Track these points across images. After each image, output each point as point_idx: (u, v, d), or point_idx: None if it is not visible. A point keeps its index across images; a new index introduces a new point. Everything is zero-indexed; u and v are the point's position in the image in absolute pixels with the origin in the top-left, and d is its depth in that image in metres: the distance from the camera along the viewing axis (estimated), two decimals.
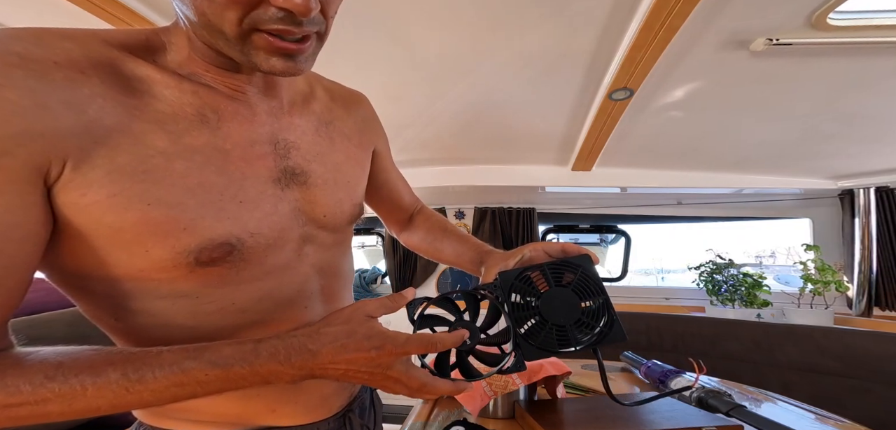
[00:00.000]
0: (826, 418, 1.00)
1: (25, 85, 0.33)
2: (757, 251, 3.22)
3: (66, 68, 0.36)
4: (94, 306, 0.44)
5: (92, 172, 0.36)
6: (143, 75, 0.41)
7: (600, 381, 0.59)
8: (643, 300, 2.88)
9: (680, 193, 2.65)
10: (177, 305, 0.43)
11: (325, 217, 0.54)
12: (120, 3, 1.12)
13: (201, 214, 0.41)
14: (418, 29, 1.29)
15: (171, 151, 0.40)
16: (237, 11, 0.37)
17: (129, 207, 0.38)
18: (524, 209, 2.92)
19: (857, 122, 1.73)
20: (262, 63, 0.40)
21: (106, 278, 0.41)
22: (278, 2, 0.36)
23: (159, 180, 0.39)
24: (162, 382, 0.36)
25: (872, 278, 2.25)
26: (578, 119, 1.85)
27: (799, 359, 1.98)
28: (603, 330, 0.56)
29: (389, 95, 1.68)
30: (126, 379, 0.36)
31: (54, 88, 0.34)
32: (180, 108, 0.42)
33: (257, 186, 0.46)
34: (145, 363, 0.37)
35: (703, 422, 0.78)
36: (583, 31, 1.27)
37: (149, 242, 0.39)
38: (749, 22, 1.19)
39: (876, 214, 2.24)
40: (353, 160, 0.60)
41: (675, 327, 2.32)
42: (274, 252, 0.47)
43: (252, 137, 0.47)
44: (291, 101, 0.53)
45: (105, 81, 0.38)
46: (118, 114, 0.38)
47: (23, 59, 0.34)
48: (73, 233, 0.38)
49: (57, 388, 0.34)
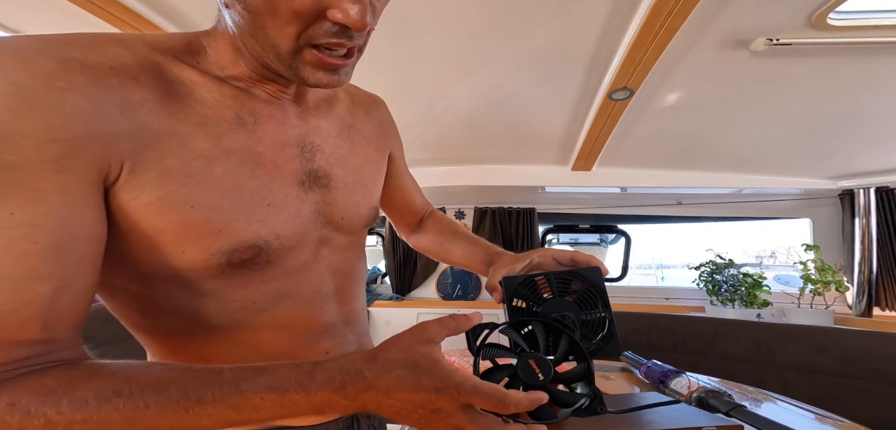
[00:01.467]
0: (826, 418, 1.00)
1: (87, 90, 0.34)
2: (757, 251, 3.22)
3: (120, 74, 0.36)
4: (123, 304, 0.45)
5: (144, 173, 0.37)
6: (186, 79, 0.41)
7: (600, 381, 0.58)
8: (643, 300, 2.88)
9: (680, 193, 2.65)
10: (202, 303, 0.44)
11: (343, 219, 0.54)
12: (120, 3, 1.12)
13: (235, 216, 0.42)
14: (419, 29, 1.29)
15: (211, 153, 0.41)
16: (297, 26, 0.37)
17: (174, 209, 0.38)
18: (524, 209, 2.92)
19: (857, 122, 1.73)
20: (308, 77, 0.41)
21: (139, 277, 0.42)
22: (338, 17, 0.37)
23: (201, 183, 0.40)
24: (220, 405, 0.34)
25: (872, 278, 2.25)
26: (578, 119, 1.85)
27: (799, 359, 1.97)
28: (599, 343, 0.54)
29: (390, 94, 1.67)
30: (186, 398, 0.34)
31: (111, 93, 0.35)
32: (220, 111, 0.43)
33: (284, 189, 0.47)
34: (206, 382, 0.35)
35: (703, 422, 0.78)
36: (583, 31, 1.27)
37: (186, 243, 0.40)
38: (749, 22, 1.19)
39: (876, 214, 2.24)
40: (371, 163, 0.61)
41: (675, 327, 2.32)
42: (294, 254, 0.48)
43: (283, 140, 0.48)
44: (316, 103, 0.54)
45: (153, 85, 0.38)
46: (164, 117, 0.38)
47: (83, 65, 0.34)
48: (118, 233, 0.38)
49: (122, 404, 0.32)
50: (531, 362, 0.43)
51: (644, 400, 0.95)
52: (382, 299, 2.98)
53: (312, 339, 0.52)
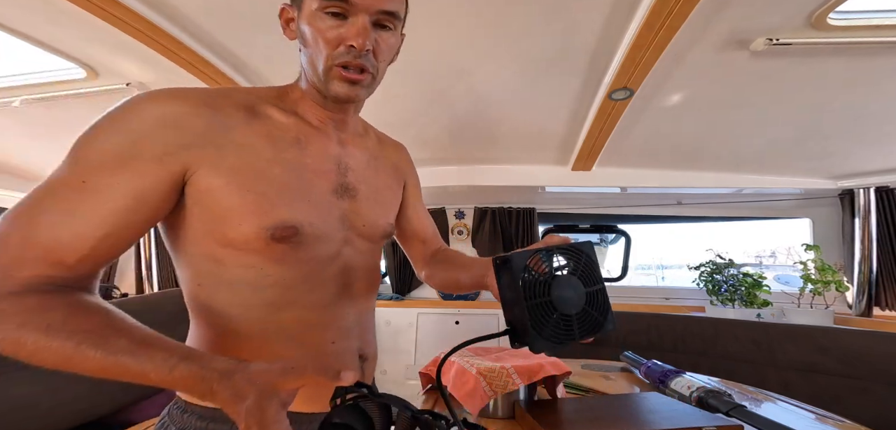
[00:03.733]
0: (826, 418, 1.00)
1: (206, 114, 0.55)
2: (757, 251, 3.22)
3: (227, 108, 0.57)
4: (191, 272, 0.58)
5: (223, 165, 0.54)
6: (267, 112, 0.62)
7: (600, 381, 0.58)
8: (643, 300, 2.88)
9: (680, 193, 2.65)
10: (244, 275, 0.57)
11: (364, 227, 0.68)
12: (120, 3, 1.12)
13: (280, 203, 0.57)
14: (419, 28, 1.29)
15: (272, 159, 0.58)
16: (328, 49, 0.58)
17: (239, 192, 0.54)
18: (524, 209, 2.92)
19: (857, 122, 1.73)
20: (335, 88, 0.60)
21: (207, 245, 0.56)
22: (348, 41, 0.57)
23: (260, 178, 0.56)
24: (91, 363, 0.42)
25: (872, 278, 2.25)
26: (578, 119, 1.85)
27: (799, 359, 1.97)
28: (599, 321, 0.55)
29: (390, 94, 1.68)
30: (90, 347, 0.42)
31: (219, 117, 0.56)
32: (284, 132, 0.61)
33: (321, 192, 0.63)
34: (105, 340, 0.43)
35: (703, 422, 0.78)
36: (583, 31, 1.27)
37: (243, 218, 0.54)
38: (749, 22, 1.19)
39: (876, 214, 2.24)
40: (389, 189, 0.78)
41: (675, 327, 2.32)
42: (321, 244, 0.61)
43: (325, 157, 0.65)
44: (353, 136, 0.72)
45: (246, 116, 0.59)
46: (246, 134, 0.57)
47: (210, 103, 0.56)
48: (200, 208, 0.54)
49: (54, 344, 0.42)
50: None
51: (644, 400, 0.95)
52: (383, 299, 2.98)
53: (322, 328, 0.63)
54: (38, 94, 1.61)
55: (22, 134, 2.00)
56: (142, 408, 1.93)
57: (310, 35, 0.59)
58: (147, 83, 1.56)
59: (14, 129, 1.95)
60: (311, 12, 0.58)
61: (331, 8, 0.57)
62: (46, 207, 0.46)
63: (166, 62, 1.37)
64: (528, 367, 0.93)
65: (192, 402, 0.59)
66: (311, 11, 0.58)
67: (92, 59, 1.43)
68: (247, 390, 0.40)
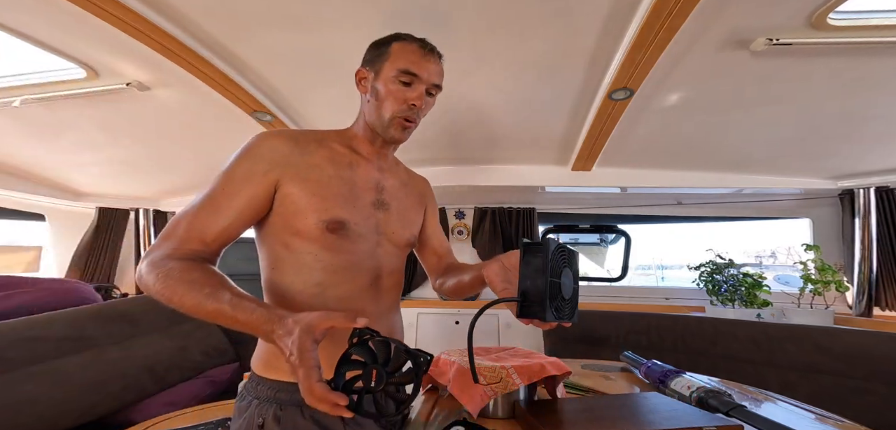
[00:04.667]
0: (826, 418, 1.00)
1: (290, 145, 0.81)
2: (757, 251, 3.22)
3: (307, 142, 0.84)
4: (271, 260, 0.82)
5: (299, 177, 0.79)
6: (331, 144, 0.87)
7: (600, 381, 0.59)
8: (643, 300, 2.88)
9: (680, 193, 2.65)
10: (303, 260, 0.79)
11: (393, 234, 0.90)
12: (120, 3, 1.13)
13: (334, 205, 0.81)
14: (420, 30, 1.29)
15: (332, 176, 0.83)
16: (396, 105, 0.84)
17: (308, 196, 0.79)
18: (524, 209, 2.92)
19: (857, 122, 1.73)
20: (394, 132, 0.86)
21: (283, 236, 0.80)
22: (411, 101, 0.84)
23: (323, 187, 0.81)
24: (213, 307, 0.63)
25: (872, 278, 2.25)
26: (578, 119, 1.85)
27: (799, 359, 1.97)
28: (575, 310, 0.71)
29: None
30: (206, 298, 0.64)
31: (299, 147, 0.82)
32: (342, 157, 0.87)
33: (363, 202, 0.86)
34: (215, 293, 0.64)
35: (703, 422, 0.78)
36: (583, 32, 1.27)
37: (309, 214, 0.78)
38: (749, 22, 1.19)
39: (876, 214, 2.24)
40: (414, 209, 1.00)
41: (675, 327, 2.32)
42: (361, 241, 0.84)
43: (368, 178, 0.89)
44: (390, 166, 0.96)
45: (317, 146, 0.85)
46: (316, 158, 0.83)
47: (295, 139, 0.83)
48: (283, 207, 0.79)
49: (195, 290, 0.65)
50: (374, 371, 0.59)
51: (644, 400, 0.95)
52: None
53: (357, 310, 0.80)
54: (38, 94, 1.61)
55: (22, 134, 2.00)
56: (142, 408, 1.93)
57: (384, 93, 0.85)
58: (147, 83, 1.56)
59: (14, 129, 1.95)
60: (388, 78, 0.84)
61: (403, 78, 0.84)
62: (203, 207, 0.74)
63: (166, 62, 1.38)
64: (529, 367, 0.93)
65: (264, 376, 0.80)
66: (388, 77, 0.84)
67: (92, 59, 1.43)
68: (293, 327, 0.58)
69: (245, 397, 0.81)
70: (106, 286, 2.85)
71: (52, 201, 2.81)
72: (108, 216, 2.96)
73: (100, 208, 2.93)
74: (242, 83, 1.55)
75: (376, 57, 0.87)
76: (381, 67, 0.85)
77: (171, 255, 0.69)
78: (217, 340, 2.52)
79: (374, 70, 0.87)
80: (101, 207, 2.93)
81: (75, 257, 2.88)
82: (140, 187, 2.88)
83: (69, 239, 2.94)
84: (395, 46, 0.86)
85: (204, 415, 1.58)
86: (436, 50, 0.88)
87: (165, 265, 0.67)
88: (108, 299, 2.62)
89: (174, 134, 2.08)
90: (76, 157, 2.30)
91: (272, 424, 0.75)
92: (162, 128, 1.99)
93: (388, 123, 0.85)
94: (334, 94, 1.69)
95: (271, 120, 1.80)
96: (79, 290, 2.35)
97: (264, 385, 0.79)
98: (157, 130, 2.01)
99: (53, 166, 2.43)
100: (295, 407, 0.76)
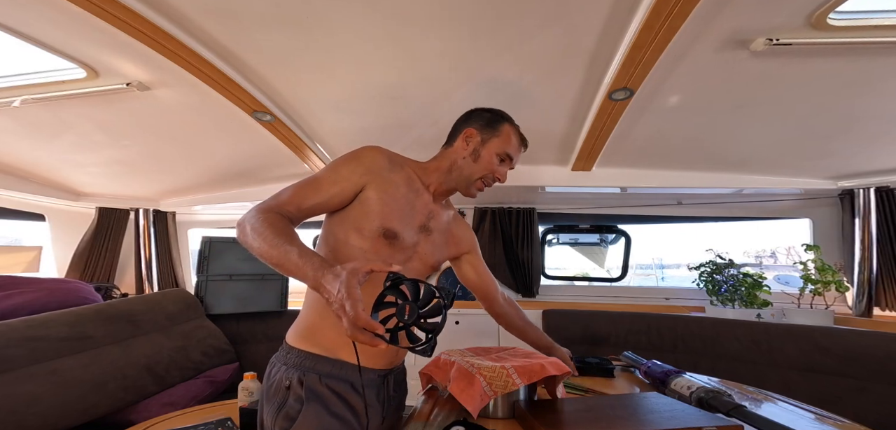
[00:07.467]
0: (826, 418, 1.00)
1: (383, 160, 1.02)
2: (757, 251, 3.22)
3: (393, 160, 1.04)
4: (326, 245, 1.01)
5: (378, 184, 0.98)
6: (408, 172, 1.06)
7: (600, 381, 0.59)
8: (643, 300, 2.88)
9: (680, 193, 2.65)
10: (354, 253, 0.96)
11: (426, 255, 1.09)
12: (120, 3, 1.13)
13: (394, 218, 0.99)
14: (420, 30, 1.29)
15: (403, 194, 1.02)
16: (486, 172, 1.08)
17: (378, 202, 0.97)
18: (524, 209, 2.92)
19: (857, 122, 1.73)
20: (472, 190, 1.10)
21: (344, 227, 0.99)
22: (498, 175, 1.10)
23: (392, 200, 0.99)
24: (281, 256, 0.77)
25: (872, 278, 2.24)
26: (578, 119, 1.85)
27: (799, 359, 1.97)
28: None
29: (391, 95, 1.68)
30: (289, 254, 0.77)
31: (387, 163, 1.02)
32: (412, 184, 1.05)
33: (415, 224, 1.05)
34: (289, 250, 0.77)
35: (703, 422, 0.78)
36: (583, 31, 1.27)
37: (375, 217, 0.97)
38: (749, 22, 1.19)
39: (876, 214, 2.24)
40: (447, 245, 1.19)
41: (675, 327, 2.32)
42: (403, 251, 1.02)
43: (424, 206, 1.08)
44: (443, 205, 1.17)
45: (399, 168, 1.04)
46: (395, 177, 1.02)
47: (387, 155, 1.04)
48: (360, 206, 0.98)
49: (282, 243, 0.79)
50: (407, 307, 0.71)
51: (644, 400, 0.95)
52: None
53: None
54: (38, 94, 1.61)
55: (22, 134, 2.00)
56: (142, 408, 1.93)
57: (484, 159, 1.07)
58: (147, 83, 1.56)
59: (14, 129, 1.95)
60: (492, 151, 1.07)
61: (503, 157, 1.09)
62: (309, 184, 0.95)
63: (167, 62, 1.38)
64: (529, 367, 0.93)
65: (294, 346, 0.99)
66: (492, 150, 1.07)
67: (92, 59, 1.43)
68: (340, 272, 0.70)
69: (275, 364, 1.01)
70: (106, 286, 2.85)
71: (52, 201, 2.80)
72: (108, 216, 2.95)
73: (100, 208, 2.92)
74: (242, 83, 1.54)
75: (489, 127, 1.08)
76: (490, 139, 1.07)
77: (273, 208, 0.88)
78: (217, 340, 2.52)
79: (482, 136, 1.07)
80: (101, 207, 2.93)
81: (75, 257, 2.88)
82: (140, 187, 2.88)
83: (69, 239, 2.94)
84: (506, 128, 1.08)
85: (204, 415, 1.58)
86: (525, 141, 1.14)
87: (268, 213, 0.84)
88: (108, 299, 2.62)
89: (174, 134, 2.08)
90: (76, 157, 2.30)
91: (297, 385, 0.94)
92: (162, 128, 1.99)
93: (474, 181, 1.07)
94: (335, 94, 1.69)
95: (271, 120, 1.80)
96: (79, 290, 2.35)
97: (293, 354, 0.98)
98: (157, 130, 2.01)
99: (53, 166, 2.42)
100: (314, 374, 0.95)
